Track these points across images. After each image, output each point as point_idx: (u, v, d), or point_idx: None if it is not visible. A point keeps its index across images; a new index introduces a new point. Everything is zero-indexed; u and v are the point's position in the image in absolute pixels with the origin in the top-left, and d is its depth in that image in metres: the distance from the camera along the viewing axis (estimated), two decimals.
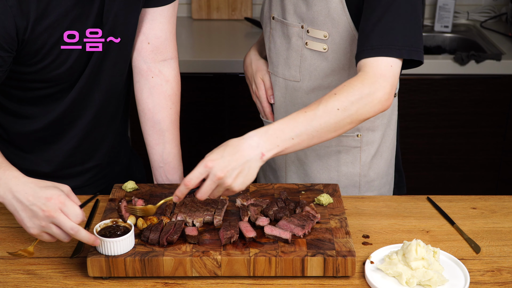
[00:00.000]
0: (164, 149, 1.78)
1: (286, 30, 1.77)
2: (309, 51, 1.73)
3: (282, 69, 1.81)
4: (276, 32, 1.81)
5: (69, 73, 1.62)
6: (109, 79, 1.70)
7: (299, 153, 1.87)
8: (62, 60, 1.58)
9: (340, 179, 1.85)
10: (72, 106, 1.68)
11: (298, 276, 1.42)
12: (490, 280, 1.43)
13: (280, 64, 1.82)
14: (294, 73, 1.79)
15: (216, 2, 3.32)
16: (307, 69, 1.76)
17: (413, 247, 1.41)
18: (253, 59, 1.95)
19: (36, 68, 1.57)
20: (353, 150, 1.82)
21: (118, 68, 1.71)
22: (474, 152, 3.01)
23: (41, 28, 1.50)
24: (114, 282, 1.42)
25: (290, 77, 1.80)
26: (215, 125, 2.96)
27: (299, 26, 1.73)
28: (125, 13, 1.63)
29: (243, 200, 1.59)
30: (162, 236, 1.44)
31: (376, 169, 1.86)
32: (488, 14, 3.39)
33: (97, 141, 1.80)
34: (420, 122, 2.94)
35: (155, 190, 1.68)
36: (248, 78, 1.97)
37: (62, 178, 1.80)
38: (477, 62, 2.82)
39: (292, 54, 1.77)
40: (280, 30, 1.79)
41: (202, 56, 2.88)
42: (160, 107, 1.76)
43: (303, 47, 1.74)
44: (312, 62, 1.74)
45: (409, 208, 1.72)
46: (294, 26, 1.74)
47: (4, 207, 1.69)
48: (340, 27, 1.66)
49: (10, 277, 1.43)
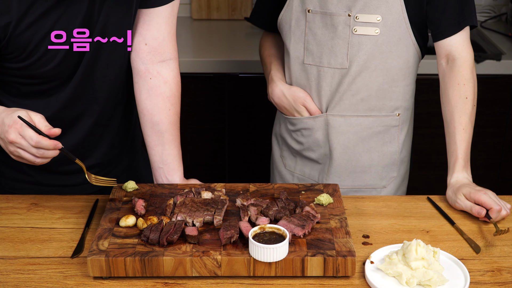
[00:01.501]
0: (164, 150, 1.78)
1: (330, 20, 1.84)
2: (358, 37, 1.83)
3: (328, 59, 1.88)
4: (314, 25, 1.87)
5: (57, 71, 1.63)
6: (103, 79, 1.70)
7: (342, 138, 1.94)
8: (49, 58, 1.59)
9: (381, 159, 1.97)
10: (66, 104, 1.69)
11: (298, 276, 1.42)
12: (490, 280, 1.43)
13: (325, 54, 1.88)
14: (341, 61, 1.86)
15: (216, 2, 3.31)
16: (355, 54, 1.85)
17: (413, 247, 1.41)
18: (284, 90, 1.99)
19: (23, 65, 1.59)
20: (392, 130, 1.96)
21: (112, 68, 1.71)
22: (474, 152, 3.00)
23: (24, 25, 1.52)
24: (114, 282, 1.42)
25: (337, 65, 1.87)
26: (215, 125, 2.96)
27: (346, 15, 1.81)
28: (117, 13, 1.63)
29: (243, 200, 1.59)
30: (162, 236, 1.44)
31: (407, 146, 2.02)
32: (488, 14, 3.39)
33: (95, 140, 1.80)
34: (420, 122, 2.93)
35: (155, 190, 1.68)
36: (286, 109, 2.00)
37: (62, 174, 1.80)
38: (477, 62, 2.82)
39: (339, 43, 1.85)
40: (321, 21, 1.86)
41: (202, 56, 2.88)
42: (159, 108, 1.76)
43: (351, 34, 1.82)
44: (360, 48, 1.84)
45: (409, 208, 1.72)
46: (339, 15, 1.82)
47: (4, 207, 1.70)
48: (393, 9, 1.80)
49: (10, 277, 1.43)
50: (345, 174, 1.98)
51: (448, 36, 1.83)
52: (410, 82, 1.93)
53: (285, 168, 2.11)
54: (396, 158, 1.99)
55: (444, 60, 1.84)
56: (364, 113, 1.92)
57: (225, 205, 1.57)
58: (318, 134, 1.96)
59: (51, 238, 1.57)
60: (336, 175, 1.98)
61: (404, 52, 1.86)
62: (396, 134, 1.96)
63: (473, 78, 1.81)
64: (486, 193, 1.67)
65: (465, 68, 1.81)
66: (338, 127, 1.93)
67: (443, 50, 1.84)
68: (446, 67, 1.84)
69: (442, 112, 1.85)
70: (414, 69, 1.93)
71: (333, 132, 1.94)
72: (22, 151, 1.48)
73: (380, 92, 1.89)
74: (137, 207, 1.56)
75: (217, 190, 1.65)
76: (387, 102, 1.91)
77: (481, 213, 1.63)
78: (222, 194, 1.63)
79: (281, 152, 2.12)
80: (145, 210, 1.57)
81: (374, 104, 1.91)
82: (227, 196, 1.63)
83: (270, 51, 2.09)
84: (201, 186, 1.69)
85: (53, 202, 1.72)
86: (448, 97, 1.81)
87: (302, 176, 2.06)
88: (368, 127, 1.93)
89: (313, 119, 1.95)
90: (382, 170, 1.98)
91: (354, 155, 1.96)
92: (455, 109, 1.79)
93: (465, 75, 1.80)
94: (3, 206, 1.70)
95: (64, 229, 1.60)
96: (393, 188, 2.01)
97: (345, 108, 1.91)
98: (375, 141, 1.95)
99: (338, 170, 1.98)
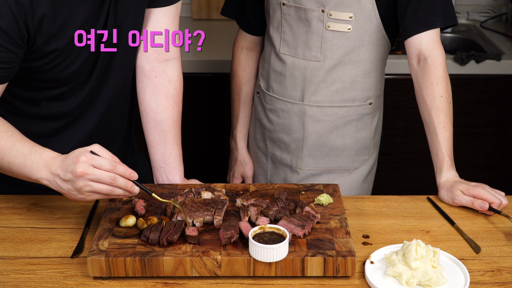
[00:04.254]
0: (166, 149, 1.78)
1: (304, 14, 1.89)
2: (331, 32, 1.89)
3: (302, 51, 1.94)
4: (290, 17, 1.93)
5: (78, 73, 1.61)
6: (116, 81, 1.70)
7: (317, 126, 2.01)
8: (72, 60, 1.58)
9: (354, 144, 2.04)
10: (79, 107, 1.68)
11: (298, 276, 1.42)
12: (490, 280, 1.43)
13: (299, 46, 1.94)
14: (315, 54, 1.92)
15: (216, 2, 3.31)
16: (328, 49, 1.91)
17: (413, 247, 1.41)
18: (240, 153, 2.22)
19: (46, 68, 1.57)
20: (365, 117, 2.03)
21: (125, 69, 1.71)
22: (474, 152, 3.01)
23: (53, 27, 1.50)
24: (114, 282, 1.42)
25: (311, 58, 1.93)
26: (215, 125, 2.96)
27: (319, 10, 1.87)
28: (133, 15, 1.63)
29: (243, 200, 1.59)
30: (162, 236, 1.44)
31: (379, 131, 2.10)
32: (488, 14, 3.39)
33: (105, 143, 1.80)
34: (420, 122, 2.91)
35: (155, 190, 1.68)
36: (231, 159, 2.22)
37: None
38: (477, 62, 2.82)
39: (313, 37, 1.91)
40: (296, 15, 1.91)
41: (202, 56, 2.88)
42: (163, 107, 1.76)
43: (325, 29, 1.88)
44: (334, 42, 1.90)
45: (409, 208, 1.72)
46: (313, 11, 1.87)
47: (4, 207, 1.70)
48: (365, 7, 1.86)
49: (10, 277, 1.43)
50: (319, 157, 2.05)
51: (414, 34, 1.83)
52: (381, 72, 2.01)
53: (259, 150, 2.18)
54: (369, 143, 2.07)
55: (415, 60, 1.85)
56: (339, 104, 1.99)
57: (225, 205, 1.57)
58: (294, 119, 2.02)
59: (51, 238, 1.57)
60: (311, 158, 2.05)
61: (375, 46, 1.93)
62: (368, 121, 2.04)
63: (445, 76, 1.82)
64: (484, 188, 1.69)
65: (436, 66, 1.81)
66: (314, 116, 2.00)
67: (413, 49, 1.85)
68: (418, 67, 1.85)
69: (420, 113, 1.87)
70: (385, 59, 2.01)
71: (309, 121, 2.01)
72: (95, 184, 1.39)
73: (354, 84, 1.96)
74: (137, 207, 1.56)
75: (217, 190, 1.65)
76: (360, 92, 1.98)
77: (484, 207, 1.65)
78: (222, 194, 1.63)
79: (255, 135, 2.19)
80: (145, 210, 1.57)
81: (348, 95, 1.98)
82: (227, 196, 1.63)
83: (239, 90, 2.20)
84: (201, 186, 1.69)
85: (53, 202, 1.72)
86: (423, 97, 1.83)
87: (274, 158, 2.14)
88: (343, 116, 2.00)
89: (291, 104, 2.00)
90: (355, 153, 2.06)
91: (328, 140, 2.03)
92: (432, 108, 1.81)
93: (437, 74, 1.81)
94: (3, 206, 1.70)
95: (64, 229, 1.60)
96: (366, 170, 2.10)
97: (321, 99, 1.98)
98: (348, 128, 2.02)
99: (312, 154, 2.05)
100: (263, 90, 2.09)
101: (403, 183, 3.10)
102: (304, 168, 2.07)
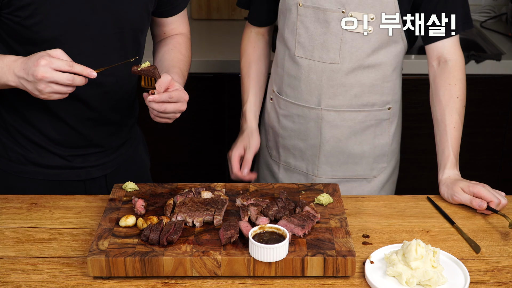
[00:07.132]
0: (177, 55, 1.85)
1: (323, 15, 1.85)
2: (351, 34, 1.84)
3: (319, 53, 1.89)
4: (306, 19, 1.88)
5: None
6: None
7: (335, 132, 1.97)
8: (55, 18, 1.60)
9: (372, 151, 2.00)
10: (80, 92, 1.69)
11: (298, 276, 1.42)
12: (490, 280, 1.43)
13: (316, 48, 1.89)
14: (333, 56, 1.87)
15: (216, 2, 3.31)
16: (347, 51, 1.86)
17: (413, 247, 1.41)
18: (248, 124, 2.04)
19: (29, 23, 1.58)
20: (383, 123, 1.99)
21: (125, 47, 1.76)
22: (474, 152, 3.01)
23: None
24: (114, 282, 1.42)
25: (328, 60, 1.88)
26: (215, 125, 2.96)
27: (339, 11, 1.83)
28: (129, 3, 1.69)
29: (243, 200, 1.59)
30: (162, 236, 1.44)
31: (397, 138, 2.06)
32: (488, 14, 3.39)
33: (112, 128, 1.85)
34: (420, 122, 2.94)
35: (155, 189, 1.68)
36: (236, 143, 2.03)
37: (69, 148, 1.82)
38: (477, 62, 2.82)
39: (331, 38, 1.86)
40: (313, 15, 1.86)
41: (202, 56, 2.88)
42: (173, 46, 1.86)
43: (344, 31, 1.84)
44: (353, 44, 1.86)
45: (409, 208, 1.72)
46: (333, 11, 1.83)
47: (4, 207, 1.70)
48: (387, 9, 1.82)
49: (10, 277, 1.43)
50: (336, 165, 2.01)
51: (437, 41, 1.86)
52: (398, 75, 1.99)
53: (271, 158, 2.13)
54: (387, 149, 2.03)
55: (436, 62, 1.88)
56: (358, 108, 1.95)
57: (225, 205, 1.57)
58: (311, 124, 1.98)
59: (51, 238, 1.57)
60: (328, 165, 2.01)
61: (395, 48, 1.90)
62: (387, 127, 2.00)
63: (463, 79, 1.85)
64: (484, 186, 1.70)
65: (457, 69, 1.84)
66: (331, 121, 1.96)
67: (434, 52, 1.88)
68: (437, 68, 1.87)
69: (432, 112, 1.88)
70: (401, 62, 1.98)
71: (326, 126, 1.97)
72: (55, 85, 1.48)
73: (373, 87, 1.93)
74: (137, 207, 1.56)
75: (217, 190, 1.65)
76: (379, 97, 1.95)
77: (482, 206, 1.65)
78: (222, 194, 1.63)
79: (267, 143, 2.14)
80: (145, 210, 1.58)
81: (367, 100, 1.94)
82: (227, 196, 1.63)
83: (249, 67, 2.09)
84: (201, 186, 1.69)
85: (53, 202, 1.72)
86: (439, 97, 1.84)
87: (287, 166, 2.08)
88: (361, 121, 1.97)
89: (308, 109, 1.97)
90: (373, 161, 2.02)
91: (346, 147, 1.99)
92: (446, 108, 1.82)
93: (457, 76, 1.84)
94: (3, 206, 1.70)
95: (64, 229, 1.60)
96: (384, 178, 2.06)
97: (339, 104, 1.94)
98: (366, 134, 1.99)
99: (330, 161, 2.01)
100: (277, 95, 2.04)
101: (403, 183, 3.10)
102: (321, 176, 2.02)
